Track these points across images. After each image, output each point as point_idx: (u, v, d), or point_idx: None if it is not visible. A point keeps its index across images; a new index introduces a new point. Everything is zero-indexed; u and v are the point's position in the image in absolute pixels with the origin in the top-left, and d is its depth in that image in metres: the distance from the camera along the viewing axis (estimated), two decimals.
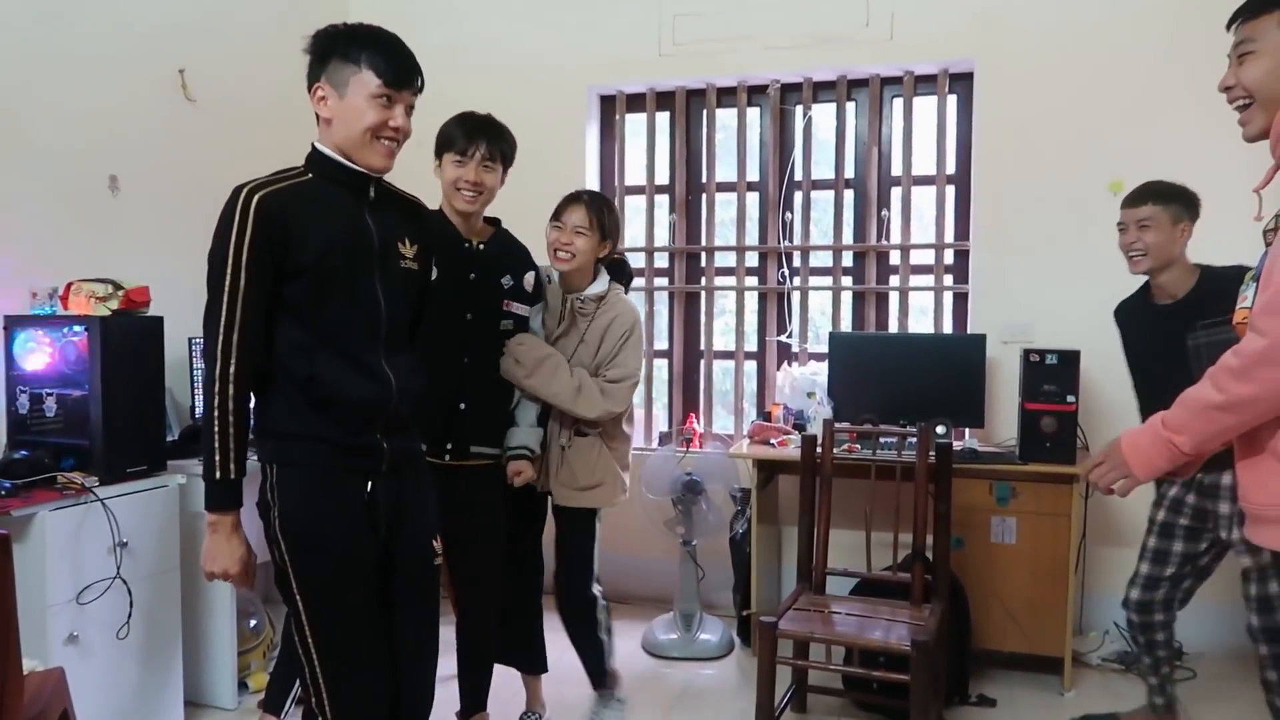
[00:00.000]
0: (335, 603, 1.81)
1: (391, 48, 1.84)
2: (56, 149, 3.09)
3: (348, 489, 1.82)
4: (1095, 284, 3.64)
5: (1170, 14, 3.55)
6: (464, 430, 2.59)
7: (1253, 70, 1.51)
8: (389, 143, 1.83)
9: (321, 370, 1.77)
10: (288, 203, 1.76)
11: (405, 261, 1.92)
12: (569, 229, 2.75)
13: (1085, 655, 3.51)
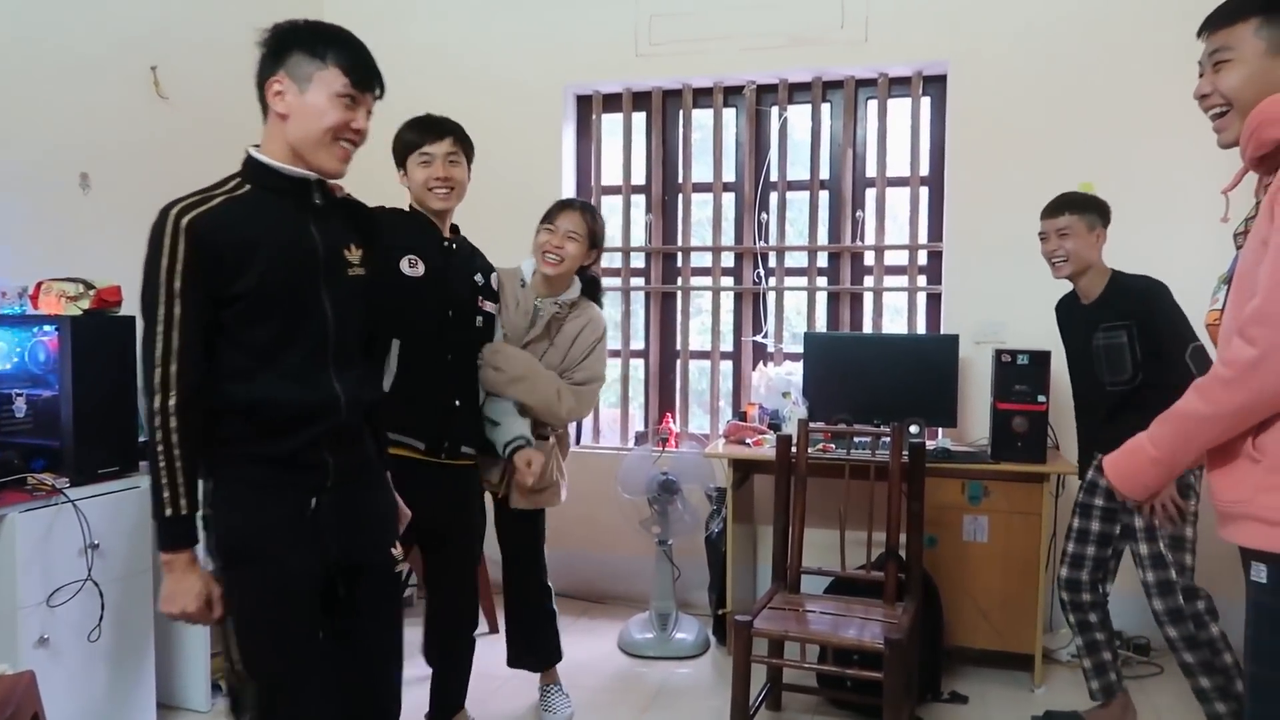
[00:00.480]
0: (267, 622, 1.74)
1: (357, 48, 1.78)
2: (27, 147, 3.05)
3: (287, 506, 1.75)
4: (1066, 286, 3.70)
5: (1141, 18, 3.60)
6: (457, 429, 2.61)
7: (1230, 77, 1.51)
8: (347, 145, 1.77)
9: (262, 395, 1.69)
10: (222, 222, 1.66)
11: (353, 269, 1.84)
12: (561, 233, 2.77)
13: (1055, 652, 3.56)
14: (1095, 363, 2.79)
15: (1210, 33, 1.56)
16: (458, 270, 2.65)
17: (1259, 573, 1.44)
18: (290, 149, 1.74)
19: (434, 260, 2.59)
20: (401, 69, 4.42)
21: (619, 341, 4.38)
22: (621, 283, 4.36)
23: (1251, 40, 1.49)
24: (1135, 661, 3.49)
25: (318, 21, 1.79)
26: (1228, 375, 1.42)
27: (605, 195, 4.40)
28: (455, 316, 2.62)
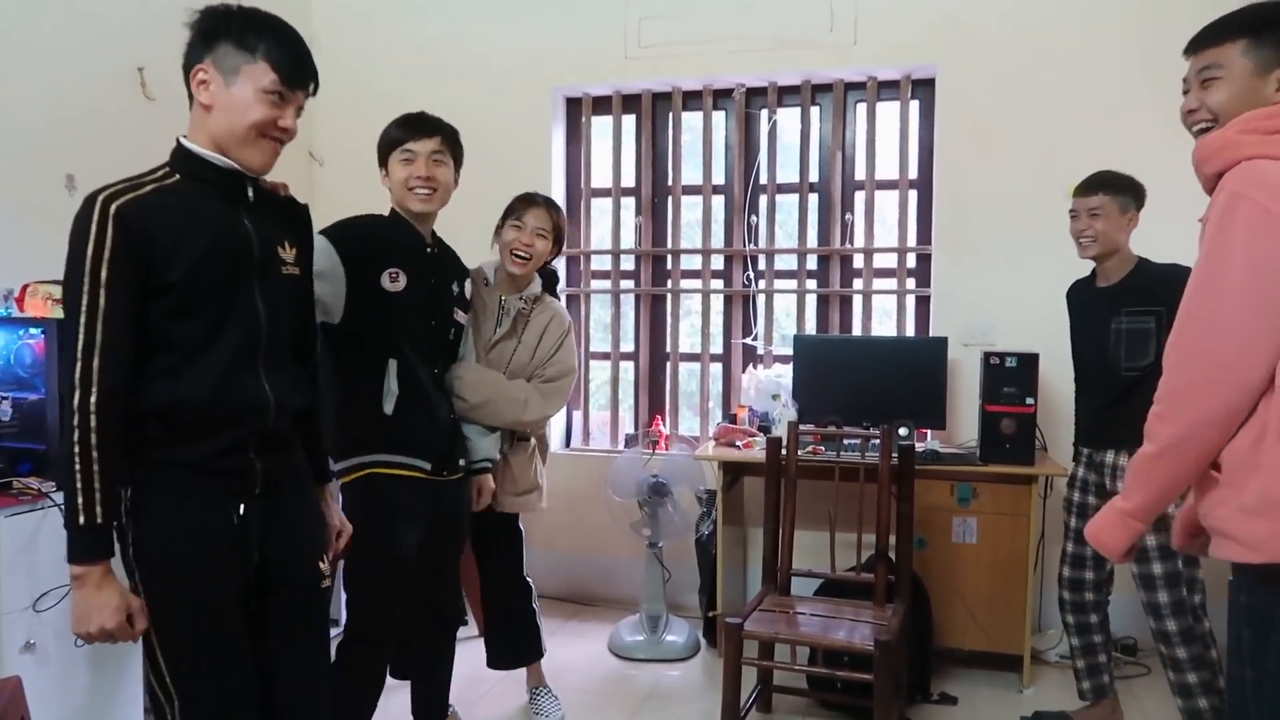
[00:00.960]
0: (191, 636, 1.64)
1: (292, 41, 1.68)
2: (12, 148, 3.03)
3: (212, 513, 1.65)
4: (1055, 287, 3.70)
5: (1129, 21, 3.62)
6: (455, 443, 2.53)
7: (1218, 95, 1.57)
8: (273, 142, 1.67)
9: (187, 394, 1.60)
10: (151, 211, 1.57)
11: (287, 267, 1.76)
12: (529, 230, 2.74)
13: (1044, 653, 3.57)
14: (1113, 347, 2.78)
15: (1197, 51, 1.62)
16: (441, 278, 2.52)
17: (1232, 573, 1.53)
18: (213, 142, 1.66)
19: (415, 270, 2.44)
20: (389, 69, 4.47)
21: (609, 344, 4.38)
22: (611, 285, 4.36)
23: (1239, 60, 1.55)
24: (1123, 662, 3.51)
25: (251, 9, 1.68)
26: (1159, 410, 1.51)
27: (595, 198, 4.40)
28: (438, 326, 2.51)
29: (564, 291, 4.38)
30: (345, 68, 4.47)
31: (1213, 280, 1.45)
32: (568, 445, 4.44)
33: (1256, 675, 1.45)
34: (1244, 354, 1.42)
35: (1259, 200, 1.42)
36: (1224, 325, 1.43)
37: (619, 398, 4.38)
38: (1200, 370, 1.45)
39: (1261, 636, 1.44)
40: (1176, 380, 1.48)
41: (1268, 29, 1.53)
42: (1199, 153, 1.56)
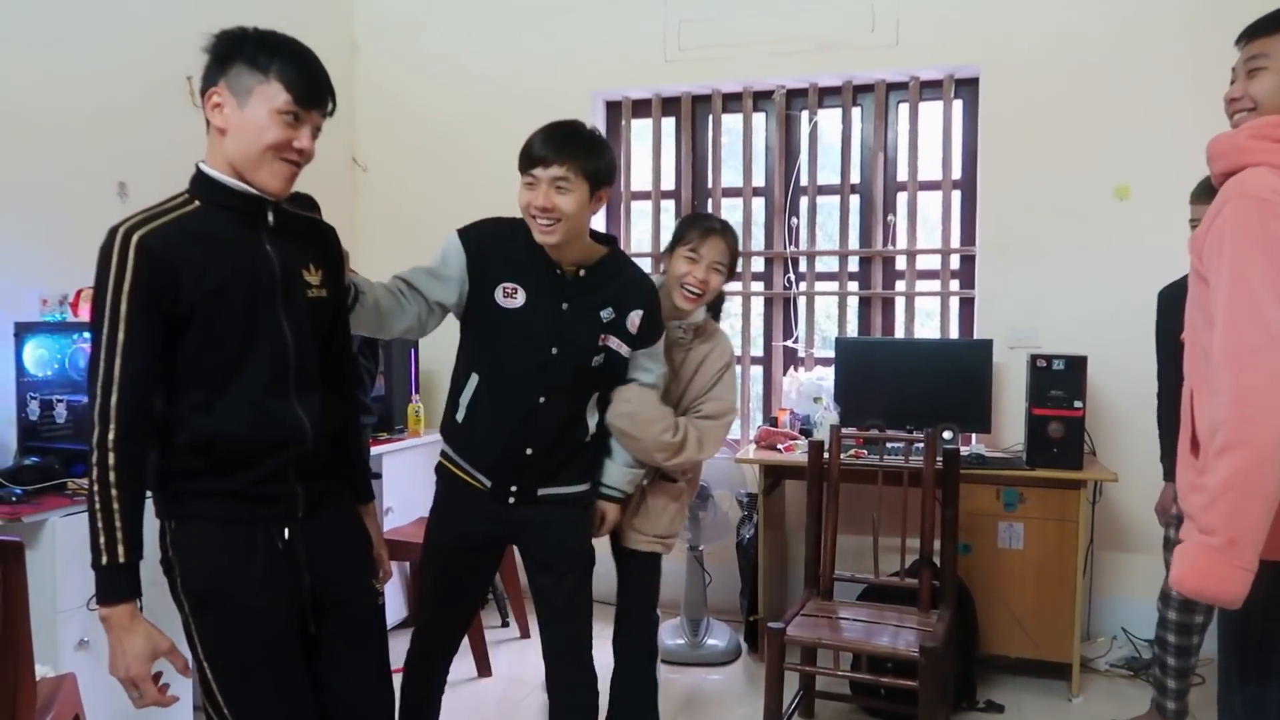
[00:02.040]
0: (245, 665, 1.63)
1: (306, 61, 1.63)
2: (66, 156, 3.11)
3: (256, 540, 1.63)
4: (1101, 289, 3.66)
5: (1175, 19, 3.55)
6: (529, 474, 2.20)
7: (1263, 84, 1.58)
8: (289, 164, 1.63)
9: (221, 427, 1.58)
10: (172, 241, 1.54)
11: (312, 290, 1.71)
12: (705, 264, 2.38)
13: (1093, 661, 3.51)
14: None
15: (1249, 40, 1.62)
16: (573, 303, 2.16)
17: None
18: (230, 166, 1.62)
19: (539, 293, 2.15)
20: (431, 75, 4.51)
21: None
22: None
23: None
24: None
25: (267, 31, 1.65)
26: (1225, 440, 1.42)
27: (635, 200, 4.41)
28: (560, 354, 2.15)
29: None
30: (388, 74, 4.53)
31: (1251, 276, 1.43)
32: None
33: (1240, 663, 1.50)
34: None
35: (1261, 196, 1.43)
36: (1270, 328, 1.40)
37: None
38: (1272, 358, 1.39)
39: (1244, 627, 1.49)
40: (1249, 378, 1.41)
41: None
42: (1210, 148, 1.58)
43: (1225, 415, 1.42)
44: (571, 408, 2.21)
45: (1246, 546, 1.40)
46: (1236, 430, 1.40)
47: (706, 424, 2.42)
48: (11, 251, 2.94)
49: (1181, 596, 2.75)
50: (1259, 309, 1.42)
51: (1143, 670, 3.44)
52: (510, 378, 2.15)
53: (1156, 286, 2.97)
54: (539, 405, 2.15)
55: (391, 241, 4.48)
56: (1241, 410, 1.40)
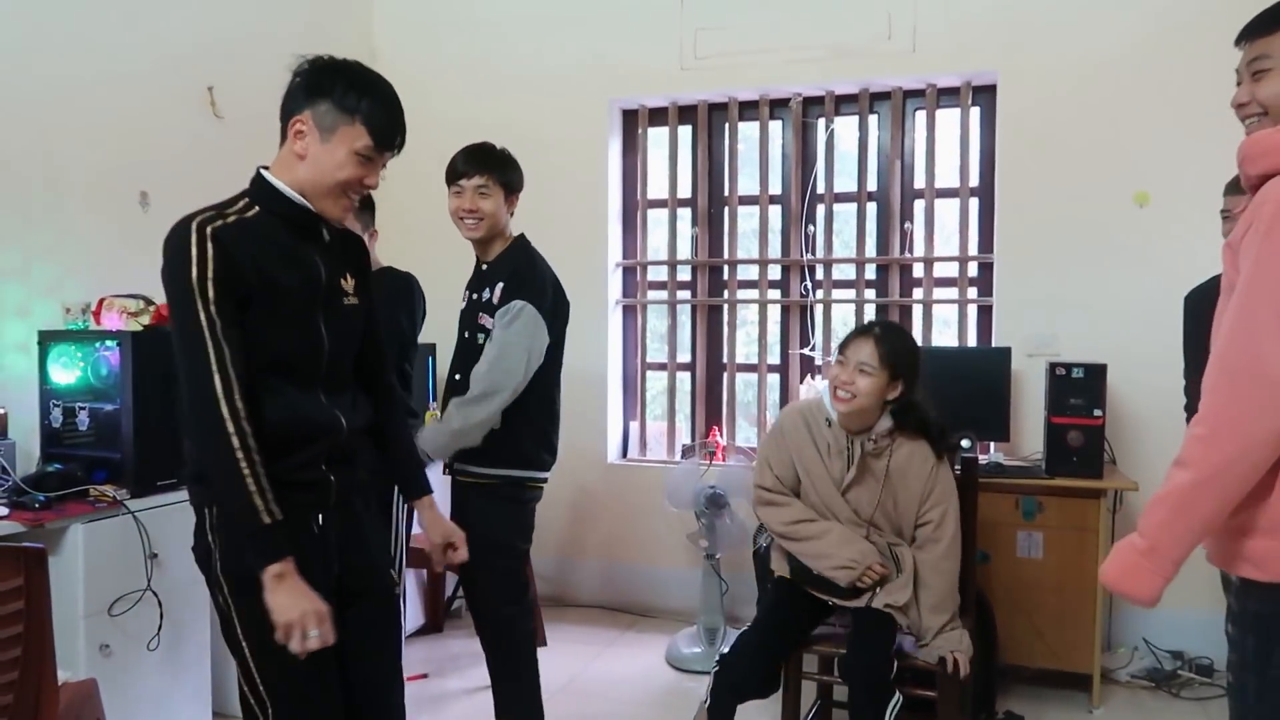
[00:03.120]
0: (295, 659, 1.64)
1: (390, 104, 1.73)
2: (88, 166, 3.15)
3: (295, 523, 1.66)
4: (1121, 296, 3.64)
5: (1193, 25, 3.53)
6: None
7: (1270, 86, 1.50)
8: (354, 198, 1.75)
9: (268, 416, 1.64)
10: (240, 239, 1.64)
11: (349, 298, 1.82)
12: (852, 366, 2.47)
13: (1114, 672, 3.47)
14: None
15: (1249, 41, 1.55)
16: (477, 292, 2.63)
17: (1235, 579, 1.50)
18: (296, 186, 1.71)
19: (469, 292, 2.67)
20: (449, 83, 4.54)
21: (665, 355, 4.38)
22: (668, 296, 4.36)
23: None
24: (1198, 683, 3.39)
25: (357, 68, 1.73)
26: (1201, 432, 1.41)
27: (651, 209, 4.42)
28: (468, 338, 2.61)
29: (620, 303, 4.40)
30: (406, 82, 4.51)
31: (1259, 295, 1.38)
32: (624, 456, 4.45)
33: (1259, 681, 1.44)
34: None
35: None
36: (1274, 341, 1.35)
37: (676, 408, 4.37)
38: (1252, 390, 1.36)
39: (1266, 644, 1.43)
40: (1223, 400, 1.39)
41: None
42: (1246, 149, 1.49)
43: (1189, 431, 1.43)
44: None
45: (1166, 557, 1.43)
46: (1190, 449, 1.41)
47: (939, 533, 2.53)
48: (35, 261, 2.98)
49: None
50: (1255, 332, 1.37)
51: (1164, 682, 3.40)
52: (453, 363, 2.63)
53: (1177, 294, 2.94)
54: (456, 382, 2.59)
55: (409, 248, 4.50)
56: (1200, 431, 1.41)
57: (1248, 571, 1.44)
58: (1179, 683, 3.40)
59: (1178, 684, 3.40)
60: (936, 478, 2.52)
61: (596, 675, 3.55)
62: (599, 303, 4.29)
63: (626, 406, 4.46)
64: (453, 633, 4.00)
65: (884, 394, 2.48)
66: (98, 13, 3.19)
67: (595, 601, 4.27)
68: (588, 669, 3.59)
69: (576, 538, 4.32)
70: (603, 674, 3.56)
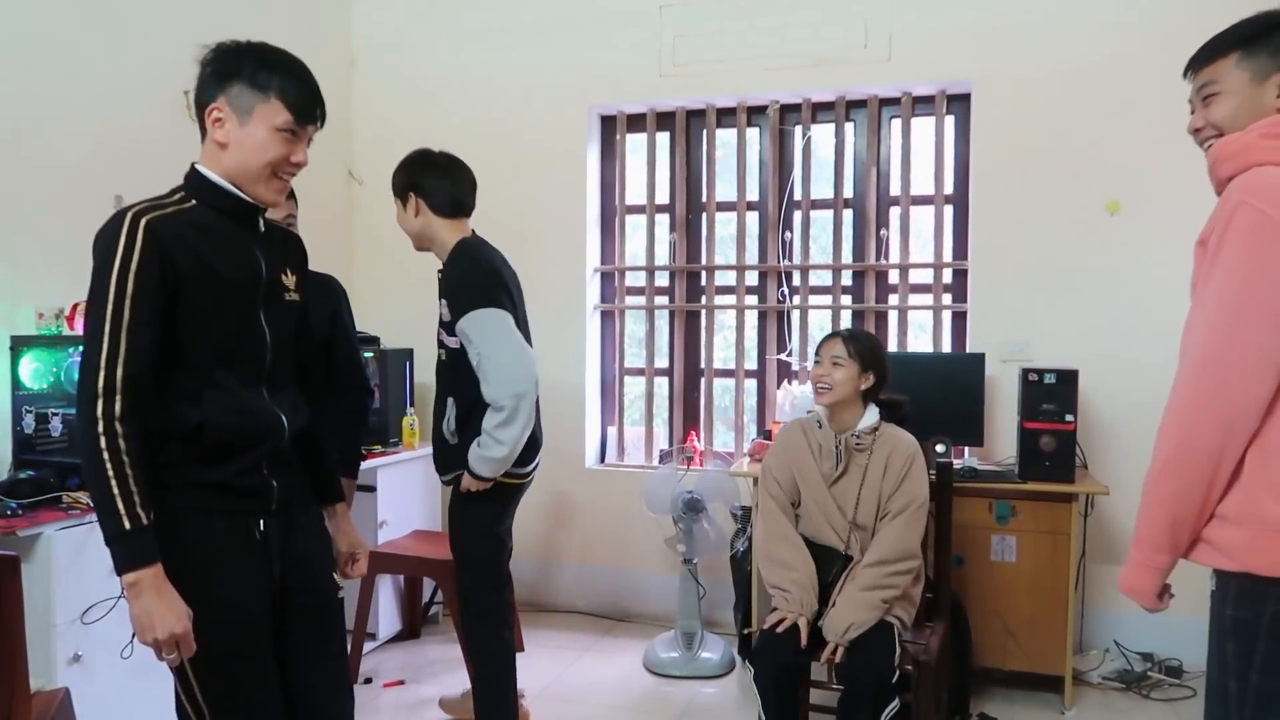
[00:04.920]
0: (225, 656, 1.66)
1: (303, 77, 1.69)
2: (62, 169, 3.12)
3: (236, 532, 1.68)
4: (1093, 303, 3.69)
5: (1166, 35, 3.58)
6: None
7: (1220, 109, 1.59)
8: (285, 178, 1.72)
9: (211, 415, 1.63)
10: (179, 231, 1.62)
11: (289, 294, 1.81)
12: (826, 361, 2.73)
13: (1086, 674, 3.51)
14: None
15: (1196, 70, 1.65)
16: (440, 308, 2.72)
17: (1212, 583, 1.54)
18: (226, 176, 1.70)
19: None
20: (428, 89, 4.53)
21: (644, 360, 4.40)
22: (646, 301, 4.38)
23: (1235, 72, 1.58)
24: (1167, 684, 3.44)
25: (263, 46, 1.71)
26: (1162, 425, 1.50)
27: (629, 214, 4.43)
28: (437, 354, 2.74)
29: (599, 308, 4.41)
30: (385, 89, 4.56)
31: (1216, 292, 1.44)
32: (602, 461, 4.46)
33: (1240, 686, 1.47)
34: (1244, 369, 1.41)
35: (1263, 209, 1.42)
36: (1227, 339, 1.42)
37: (654, 413, 4.39)
38: (1201, 383, 1.44)
39: (1247, 650, 1.46)
40: (1180, 394, 1.48)
41: (1258, 38, 1.56)
42: (1216, 153, 1.58)
43: (1159, 426, 1.51)
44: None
45: (1149, 545, 1.52)
46: (1156, 441, 1.51)
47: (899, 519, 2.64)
48: (7, 265, 2.95)
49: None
50: (1208, 326, 1.45)
51: (1135, 683, 3.45)
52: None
53: (1147, 301, 2.99)
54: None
55: (387, 256, 4.49)
56: (1163, 423, 1.50)
57: (1215, 560, 1.48)
58: (1149, 684, 3.45)
59: (1148, 685, 3.44)
60: (909, 473, 2.68)
61: (574, 680, 3.56)
62: (577, 308, 4.29)
63: (605, 411, 4.47)
64: (430, 639, 3.99)
65: (858, 383, 2.71)
66: (72, 15, 3.17)
67: (573, 606, 4.27)
68: (565, 674, 3.60)
69: (554, 542, 4.33)
70: (581, 679, 3.57)
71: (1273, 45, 1.55)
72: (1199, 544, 1.51)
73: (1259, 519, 1.43)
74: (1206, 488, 1.46)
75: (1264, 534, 1.42)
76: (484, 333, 2.50)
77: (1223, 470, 1.45)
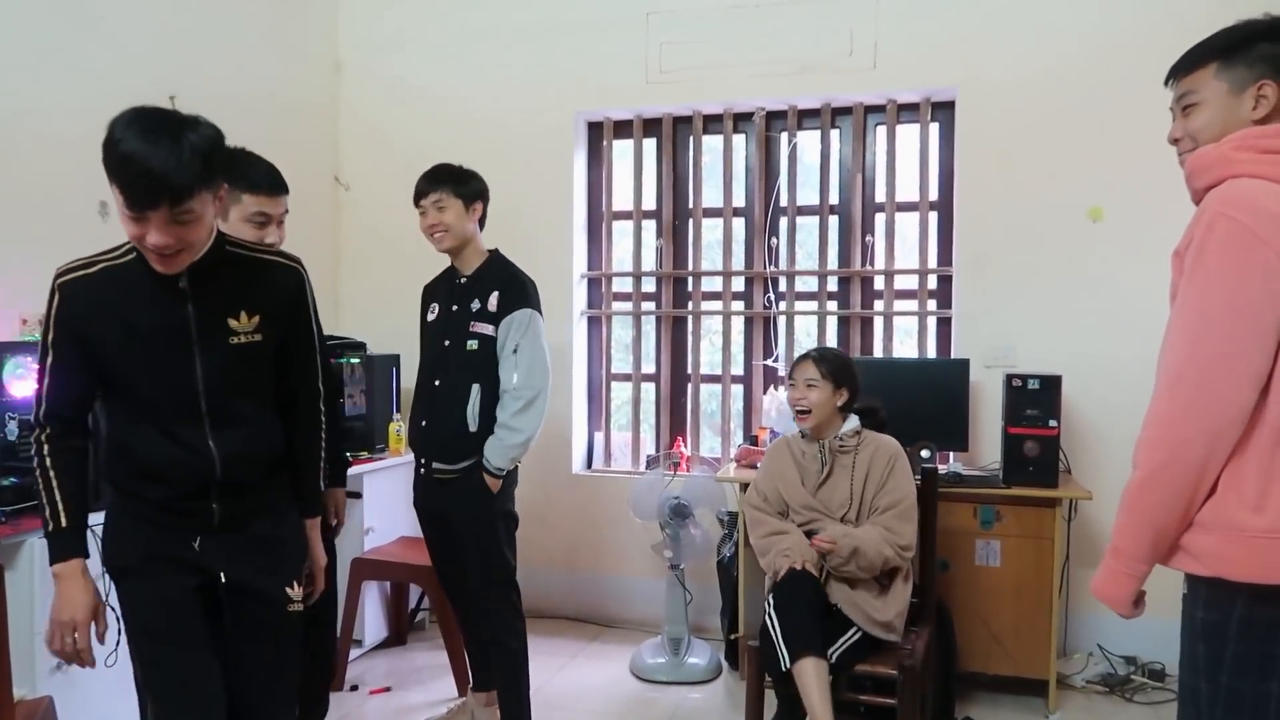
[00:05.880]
0: (159, 630, 1.82)
1: (126, 165, 1.62)
2: (47, 175, 3.10)
3: (173, 540, 1.84)
4: (1076, 309, 3.72)
5: (1150, 42, 3.62)
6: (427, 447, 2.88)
7: (1199, 119, 1.60)
8: (156, 254, 1.69)
9: (138, 442, 1.81)
10: (87, 292, 1.76)
11: (240, 337, 1.84)
12: (800, 384, 2.86)
13: (1069, 677, 3.54)
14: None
15: (1176, 80, 1.66)
16: (460, 303, 2.86)
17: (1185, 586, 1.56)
18: None
19: (445, 300, 2.91)
20: (414, 95, 4.53)
21: (630, 365, 4.40)
22: (633, 307, 4.38)
23: (1213, 83, 1.58)
24: (1150, 687, 3.47)
25: (107, 140, 1.68)
26: (1143, 435, 1.50)
27: (616, 220, 4.44)
28: (451, 345, 2.85)
29: (585, 314, 4.42)
30: (371, 93, 4.55)
31: (1197, 303, 1.45)
32: (589, 466, 4.46)
33: (1211, 688, 1.48)
34: (1230, 379, 1.42)
35: (1241, 220, 1.42)
36: (1209, 349, 1.43)
37: (640, 419, 4.39)
38: (1186, 395, 1.45)
39: (1217, 652, 1.47)
40: (1162, 405, 1.47)
41: (1235, 48, 1.57)
42: (1192, 165, 1.58)
43: (1139, 435, 1.51)
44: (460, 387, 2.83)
45: (1129, 555, 1.53)
46: (1137, 450, 1.51)
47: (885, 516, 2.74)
48: None
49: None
50: (1188, 338, 1.45)
51: (1118, 686, 3.48)
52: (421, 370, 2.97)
53: (1129, 307, 3.02)
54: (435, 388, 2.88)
55: (373, 260, 4.48)
56: (1147, 434, 1.49)
57: (1187, 565, 1.50)
58: (1132, 687, 3.47)
59: (1131, 688, 3.47)
60: (893, 471, 2.80)
61: (562, 686, 3.55)
62: (564, 314, 4.30)
63: (591, 417, 4.47)
64: (416, 645, 3.98)
65: (834, 401, 2.85)
66: (59, 20, 3.15)
67: (560, 612, 4.27)
68: (553, 680, 3.59)
69: (541, 548, 4.32)
70: (568, 684, 3.57)
71: (1250, 56, 1.55)
72: (1176, 550, 1.52)
73: (1228, 525, 1.44)
74: (1190, 498, 1.46)
75: (1233, 540, 1.43)
76: (532, 329, 2.81)
77: (1206, 481, 1.45)
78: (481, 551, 2.84)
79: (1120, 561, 1.54)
